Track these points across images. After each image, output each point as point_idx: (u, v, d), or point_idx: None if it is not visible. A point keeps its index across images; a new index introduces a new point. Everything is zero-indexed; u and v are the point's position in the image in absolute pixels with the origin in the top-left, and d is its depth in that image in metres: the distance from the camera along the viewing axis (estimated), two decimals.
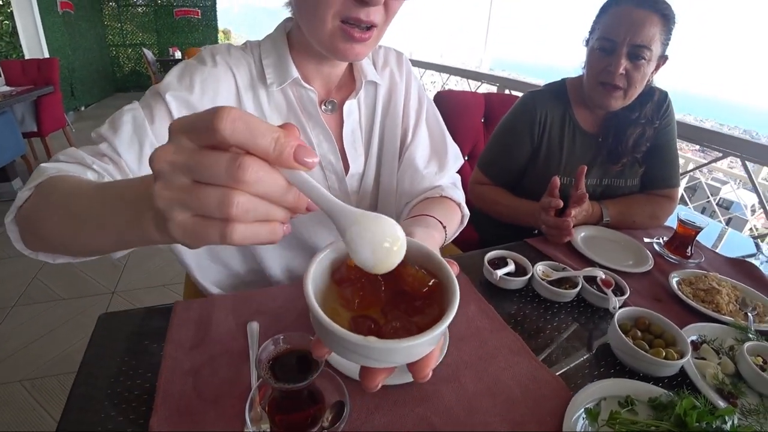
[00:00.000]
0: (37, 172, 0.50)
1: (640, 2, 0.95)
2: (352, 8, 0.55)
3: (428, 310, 0.30)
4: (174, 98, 0.61)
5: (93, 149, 0.57)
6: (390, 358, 0.28)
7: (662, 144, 1.12)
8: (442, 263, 0.33)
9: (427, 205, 0.72)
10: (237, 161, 0.24)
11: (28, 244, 0.50)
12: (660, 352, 0.61)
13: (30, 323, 1.94)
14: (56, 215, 0.44)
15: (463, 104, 1.53)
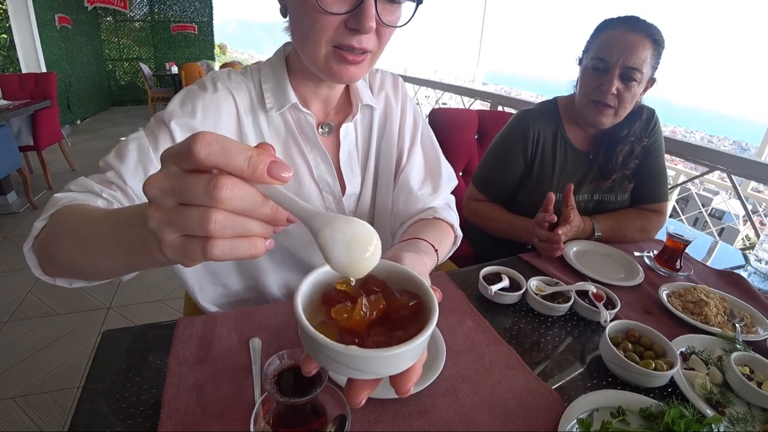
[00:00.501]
0: (51, 202, 0.53)
1: (633, 27, 0.99)
2: (345, 36, 0.58)
3: (409, 327, 0.32)
4: (177, 125, 0.64)
5: (101, 178, 0.60)
6: (372, 368, 0.30)
7: (650, 160, 1.16)
8: (423, 285, 0.36)
9: (420, 228, 0.73)
10: (212, 181, 0.27)
11: (45, 270, 0.52)
12: (650, 364, 0.63)
13: (24, 339, 1.92)
14: (70, 242, 0.47)
15: (457, 121, 1.56)
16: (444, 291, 0.82)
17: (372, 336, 0.31)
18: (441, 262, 0.75)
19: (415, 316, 0.34)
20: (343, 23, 0.57)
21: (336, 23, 0.57)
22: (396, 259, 0.49)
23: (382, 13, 0.57)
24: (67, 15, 6.41)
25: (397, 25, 0.61)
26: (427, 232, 0.69)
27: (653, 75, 1.05)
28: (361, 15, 0.55)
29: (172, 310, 2.18)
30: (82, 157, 4.80)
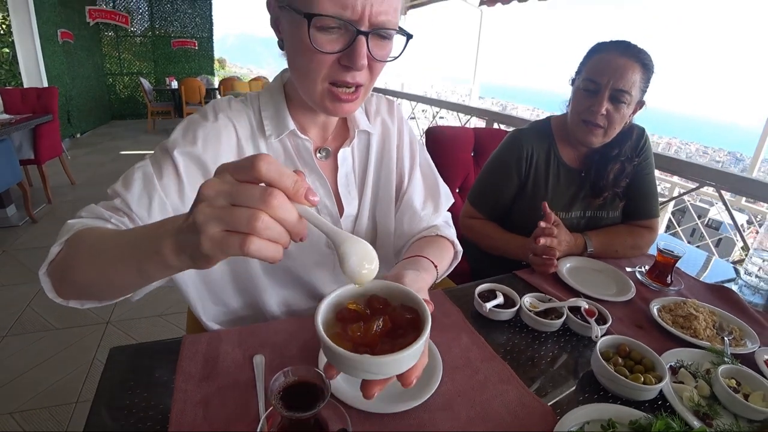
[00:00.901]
0: (65, 228, 0.57)
1: (623, 51, 1.04)
2: (339, 72, 0.62)
3: (408, 335, 0.40)
4: (180, 154, 0.67)
5: (109, 204, 0.64)
6: (381, 370, 0.38)
7: (641, 177, 1.19)
8: (419, 300, 0.44)
9: (422, 246, 0.77)
10: (268, 190, 0.34)
11: (59, 293, 0.56)
12: (639, 378, 0.65)
13: (22, 353, 1.92)
14: (85, 260, 0.50)
15: (454, 139, 1.61)
16: (441, 307, 0.84)
17: (380, 345, 0.39)
18: (442, 277, 0.79)
19: (413, 326, 0.41)
20: (337, 61, 0.61)
21: (330, 61, 0.61)
22: (399, 276, 0.55)
23: (373, 49, 0.61)
24: (69, 30, 6.50)
25: (388, 60, 0.65)
26: (429, 250, 0.73)
27: (642, 98, 1.09)
28: (353, 54, 0.59)
29: (171, 325, 2.18)
30: (82, 171, 4.82)
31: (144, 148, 6.31)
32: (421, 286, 0.55)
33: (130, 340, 2.06)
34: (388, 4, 0.58)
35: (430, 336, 0.69)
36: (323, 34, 0.58)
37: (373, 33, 0.59)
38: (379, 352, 0.38)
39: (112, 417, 0.56)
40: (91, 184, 4.45)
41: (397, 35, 0.63)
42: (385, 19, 0.59)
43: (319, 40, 0.58)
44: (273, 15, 0.67)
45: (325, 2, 0.56)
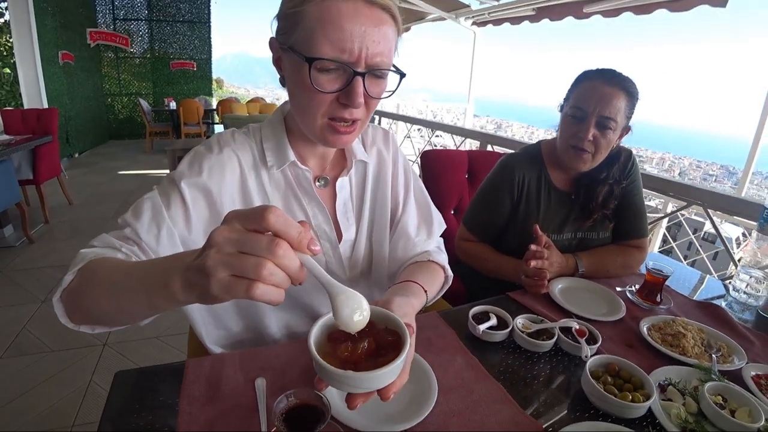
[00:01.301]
0: (79, 257, 0.59)
1: (609, 80, 1.09)
2: (338, 109, 0.66)
3: (389, 355, 0.45)
4: (187, 185, 0.71)
5: (119, 234, 0.67)
6: (363, 384, 0.43)
7: (629, 199, 1.23)
8: (400, 324, 0.49)
9: (414, 271, 0.81)
10: (274, 241, 0.37)
11: (71, 318, 0.58)
12: (627, 396, 0.67)
13: (18, 376, 1.90)
14: (97, 290, 0.53)
15: (449, 161, 1.65)
16: (435, 329, 0.87)
17: (363, 363, 0.44)
18: (433, 301, 0.82)
19: (394, 347, 0.46)
20: (336, 99, 0.65)
21: (329, 99, 0.65)
22: (388, 301, 0.59)
23: (369, 87, 0.65)
24: (70, 52, 6.61)
25: (383, 96, 0.69)
26: (420, 275, 0.78)
27: (628, 124, 1.14)
28: (351, 93, 0.63)
29: (168, 347, 2.18)
30: (80, 191, 4.84)
31: (142, 168, 6.35)
32: (408, 311, 0.58)
33: (128, 363, 2.05)
34: (383, 46, 0.63)
35: (426, 358, 0.73)
36: (323, 75, 0.63)
37: (368, 73, 0.64)
38: (362, 369, 0.43)
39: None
40: (88, 204, 4.47)
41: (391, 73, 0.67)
42: (380, 60, 0.63)
43: (319, 80, 0.63)
44: (275, 54, 0.71)
45: (325, 47, 0.60)
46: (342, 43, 0.60)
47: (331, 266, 0.86)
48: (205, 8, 8.59)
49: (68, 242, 3.45)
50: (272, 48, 0.71)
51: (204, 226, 0.74)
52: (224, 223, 0.39)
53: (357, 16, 0.60)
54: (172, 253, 0.68)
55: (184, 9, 8.48)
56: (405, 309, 0.58)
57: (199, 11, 8.57)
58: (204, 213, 0.73)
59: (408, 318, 0.56)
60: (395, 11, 0.66)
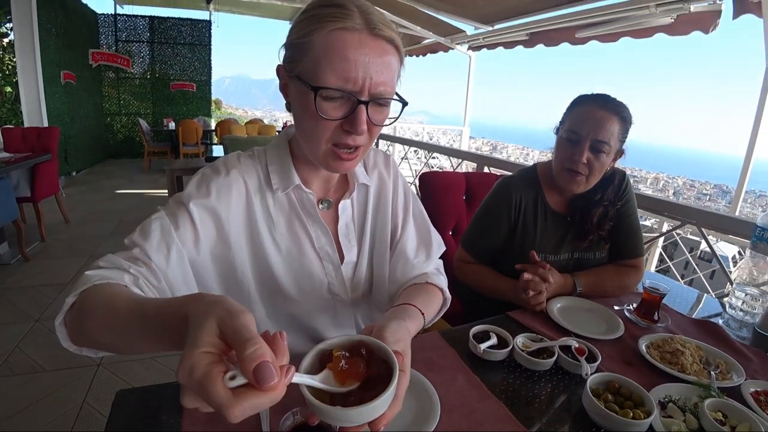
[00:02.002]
0: (82, 279, 0.57)
1: (602, 105, 1.12)
2: (341, 135, 0.68)
3: (378, 388, 0.44)
4: (195, 206, 0.71)
5: (128, 254, 0.65)
6: (352, 419, 0.43)
7: (624, 219, 1.26)
8: (389, 354, 0.48)
9: (412, 293, 0.81)
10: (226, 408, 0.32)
11: (74, 341, 0.57)
12: (628, 413, 0.67)
13: (9, 396, 1.87)
14: (98, 324, 0.52)
15: (446, 183, 1.67)
16: (436, 349, 0.88)
17: (353, 396, 0.44)
18: (431, 323, 0.82)
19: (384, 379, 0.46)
20: (340, 126, 0.67)
21: (333, 126, 0.67)
22: (383, 327, 0.58)
23: (372, 115, 0.67)
24: (72, 71, 6.69)
25: (386, 124, 0.72)
26: (417, 298, 0.77)
27: (621, 147, 1.17)
28: (354, 120, 0.65)
29: (164, 368, 2.15)
30: (76, 209, 4.83)
31: (139, 187, 6.36)
32: (402, 336, 0.58)
33: (121, 383, 2.02)
34: (385, 75, 0.65)
35: (428, 377, 0.73)
36: (328, 103, 0.65)
37: (372, 102, 0.66)
38: (350, 402, 0.43)
39: None
40: (85, 223, 4.45)
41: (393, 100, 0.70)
42: (383, 90, 0.66)
43: (324, 108, 0.65)
44: (282, 81, 0.73)
45: (330, 76, 0.63)
46: (346, 73, 0.63)
47: (334, 288, 0.86)
48: (206, 32, 8.77)
49: (64, 260, 3.42)
50: (279, 75, 0.73)
51: (211, 247, 0.74)
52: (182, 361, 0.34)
53: (361, 47, 0.63)
54: (182, 274, 0.69)
55: (186, 32, 8.65)
56: (399, 334, 0.57)
57: (200, 34, 8.74)
58: (212, 234, 0.74)
59: (402, 343, 0.56)
60: (398, 42, 0.68)
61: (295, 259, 0.82)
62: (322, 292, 0.85)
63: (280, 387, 0.34)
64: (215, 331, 0.35)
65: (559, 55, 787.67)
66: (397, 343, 0.54)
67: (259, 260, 0.81)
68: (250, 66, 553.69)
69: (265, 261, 0.80)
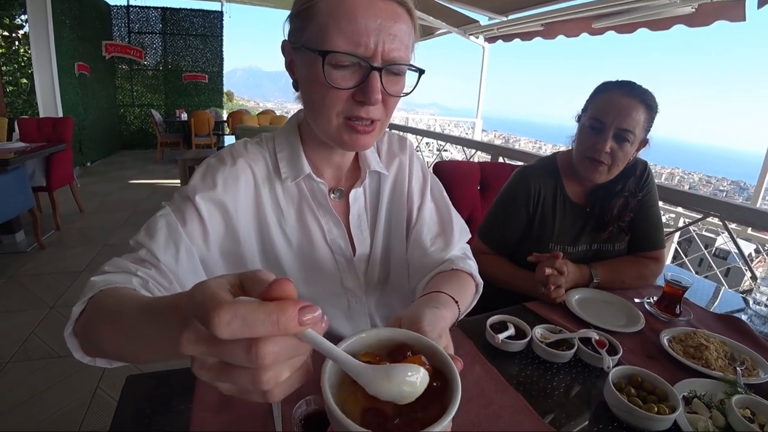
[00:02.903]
0: (89, 286, 0.53)
1: (628, 92, 1.08)
2: (354, 107, 0.63)
3: (431, 408, 0.32)
4: (202, 199, 0.67)
5: (134, 256, 0.61)
6: None
7: (645, 210, 1.22)
8: (446, 360, 0.36)
9: (439, 281, 0.73)
10: (251, 351, 0.27)
11: (86, 351, 0.53)
12: (653, 408, 0.65)
13: (25, 381, 1.91)
14: (106, 331, 0.48)
15: (461, 173, 1.64)
16: (452, 339, 0.84)
17: (395, 417, 0.32)
18: (466, 312, 0.76)
19: (437, 395, 0.34)
20: (351, 96, 0.62)
21: (345, 97, 0.62)
22: (416, 318, 0.50)
23: (386, 85, 0.62)
24: (86, 63, 6.75)
25: (402, 95, 0.66)
26: (447, 285, 0.70)
27: (646, 136, 1.13)
28: (367, 89, 0.60)
29: None
30: (91, 199, 4.90)
31: (152, 177, 6.43)
32: (443, 328, 0.50)
33: (133, 369, 2.03)
34: (399, 41, 0.60)
35: None
36: (338, 71, 0.60)
37: (385, 69, 0.61)
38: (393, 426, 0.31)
39: None
40: (99, 212, 4.51)
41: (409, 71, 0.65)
42: (397, 56, 0.61)
43: (334, 76, 0.60)
44: (287, 58, 0.69)
45: (339, 40, 0.58)
46: (357, 37, 0.58)
47: (346, 282, 0.82)
48: (218, 23, 8.77)
49: (78, 249, 3.47)
50: (284, 51, 0.69)
51: (220, 242, 0.70)
52: (187, 325, 0.30)
53: (371, 8, 0.58)
54: (193, 273, 0.65)
55: (198, 23, 8.66)
56: (439, 326, 0.49)
57: (212, 25, 8.74)
58: (220, 228, 0.70)
59: (445, 338, 0.48)
60: (411, 6, 0.63)
61: (306, 253, 0.78)
62: (334, 286, 0.81)
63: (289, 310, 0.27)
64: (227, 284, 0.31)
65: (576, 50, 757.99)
66: (440, 338, 0.47)
67: (268, 254, 0.76)
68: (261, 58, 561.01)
69: (274, 255, 0.76)
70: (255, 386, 0.28)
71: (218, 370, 0.29)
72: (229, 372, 0.29)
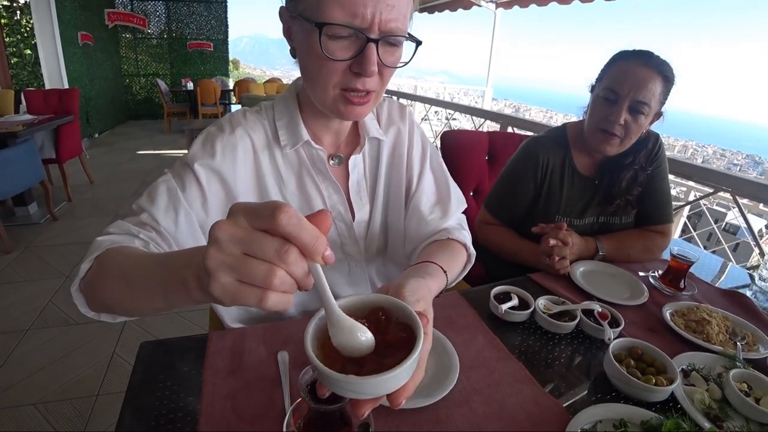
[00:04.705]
0: (95, 245, 0.58)
1: (645, 62, 1.03)
2: (350, 79, 0.63)
3: (399, 354, 0.38)
4: (201, 166, 0.69)
5: (136, 220, 0.65)
6: (367, 390, 0.37)
7: (654, 184, 1.20)
8: (413, 316, 0.41)
9: (432, 250, 0.76)
10: (285, 246, 0.32)
11: (91, 306, 0.58)
12: (650, 379, 0.66)
13: (44, 347, 1.99)
14: (114, 284, 0.52)
15: (469, 143, 1.62)
16: (456, 309, 0.87)
17: (368, 364, 0.38)
18: (455, 281, 0.79)
19: (405, 344, 0.39)
20: (348, 68, 0.62)
21: (341, 68, 0.62)
22: (400, 286, 0.52)
23: (383, 56, 0.62)
24: (89, 32, 6.66)
25: (398, 66, 0.66)
26: (438, 255, 0.73)
27: (660, 109, 1.09)
28: (363, 60, 0.60)
29: (187, 322, 2.24)
30: (100, 170, 4.94)
31: (160, 148, 6.43)
32: (423, 295, 0.53)
33: (148, 336, 2.11)
34: (397, 11, 0.59)
35: (447, 336, 0.72)
36: (334, 42, 0.60)
37: (382, 40, 0.60)
38: (365, 371, 0.37)
39: (144, 408, 0.59)
40: (108, 183, 4.56)
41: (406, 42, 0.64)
42: (394, 26, 0.60)
43: (330, 47, 0.60)
44: (285, 24, 0.68)
45: (336, 11, 0.57)
46: (354, 8, 0.57)
47: (347, 248, 0.85)
48: None
49: (90, 220, 3.54)
50: (282, 17, 0.68)
51: (221, 209, 0.72)
52: (229, 216, 0.34)
53: None
54: (192, 237, 0.68)
55: None
56: (420, 293, 0.52)
57: None
58: (219, 195, 0.72)
59: (423, 303, 0.51)
60: None
61: None
62: (335, 252, 0.82)
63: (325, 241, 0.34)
64: None
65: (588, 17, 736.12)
66: (418, 303, 0.49)
67: None
68: (267, 25, 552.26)
69: None
70: (266, 279, 0.32)
71: (235, 259, 0.33)
72: (247, 262, 0.32)
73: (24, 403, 1.66)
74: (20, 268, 2.68)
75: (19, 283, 2.51)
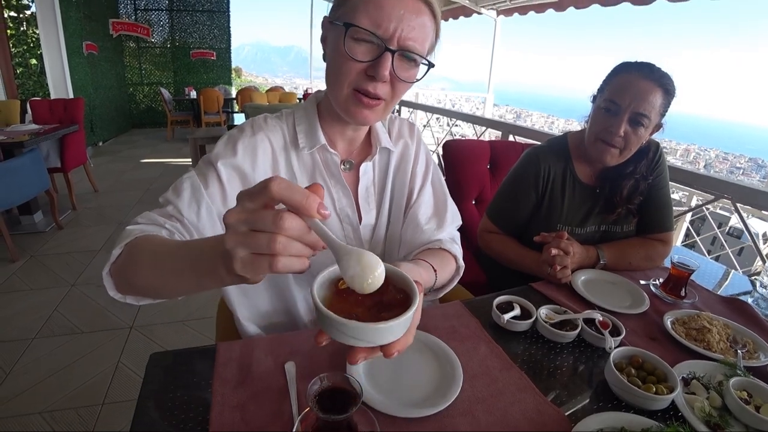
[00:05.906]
0: (125, 233, 0.63)
1: (647, 75, 1.05)
2: (363, 81, 0.70)
3: (395, 311, 0.43)
4: (223, 165, 0.76)
5: (162, 211, 0.72)
6: (366, 336, 0.41)
7: (655, 192, 1.21)
8: (409, 281, 0.47)
9: (425, 254, 0.84)
10: (278, 214, 0.38)
11: (119, 290, 0.63)
12: (651, 388, 0.67)
13: (50, 356, 2.00)
14: (145, 269, 0.57)
15: (470, 152, 1.64)
16: (459, 318, 0.88)
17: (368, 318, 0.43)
18: (443, 288, 0.85)
19: (402, 305, 0.45)
20: (364, 71, 0.69)
21: (358, 69, 0.69)
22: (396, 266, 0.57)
23: (397, 68, 0.69)
24: (94, 42, 6.73)
25: (411, 81, 0.72)
26: (430, 257, 0.81)
27: (661, 121, 1.11)
28: (378, 65, 0.67)
29: (193, 331, 2.24)
30: (104, 178, 4.97)
31: (163, 156, 6.47)
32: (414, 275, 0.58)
33: (152, 344, 2.12)
34: (417, 33, 0.68)
35: (450, 345, 0.74)
36: (357, 44, 0.68)
37: (399, 53, 0.68)
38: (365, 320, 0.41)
39: (156, 417, 0.61)
40: (112, 191, 4.59)
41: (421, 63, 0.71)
42: (411, 44, 0.68)
43: (352, 48, 0.67)
44: (324, 32, 0.77)
45: (364, 19, 0.66)
46: (380, 20, 0.65)
47: None
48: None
49: (95, 228, 3.56)
50: (323, 26, 0.76)
51: None
52: (237, 203, 0.40)
53: (400, 1, 0.66)
54: (212, 228, 0.73)
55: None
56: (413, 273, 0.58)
57: (218, 1, 8.60)
58: (238, 190, 0.76)
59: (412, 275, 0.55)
60: (435, 8, 0.71)
61: None
62: None
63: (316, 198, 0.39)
64: None
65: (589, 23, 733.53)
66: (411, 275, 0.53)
67: None
68: (269, 33, 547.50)
69: None
70: (269, 246, 0.37)
71: (245, 236, 0.39)
72: (253, 236, 0.38)
73: (30, 412, 1.67)
74: (26, 277, 2.70)
75: (25, 291, 2.53)
